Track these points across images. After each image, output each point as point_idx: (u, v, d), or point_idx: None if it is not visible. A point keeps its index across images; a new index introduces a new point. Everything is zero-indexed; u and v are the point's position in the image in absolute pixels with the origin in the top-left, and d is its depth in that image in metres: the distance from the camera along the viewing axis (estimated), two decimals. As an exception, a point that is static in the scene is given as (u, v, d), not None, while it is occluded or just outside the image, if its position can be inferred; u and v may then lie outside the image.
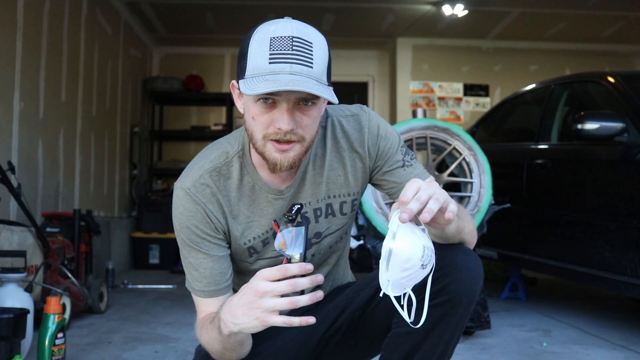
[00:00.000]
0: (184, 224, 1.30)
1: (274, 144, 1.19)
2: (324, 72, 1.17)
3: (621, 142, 2.96)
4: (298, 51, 1.14)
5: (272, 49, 1.14)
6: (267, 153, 1.21)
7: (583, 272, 3.13)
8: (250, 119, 1.21)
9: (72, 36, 4.59)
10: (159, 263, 5.88)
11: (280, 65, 1.13)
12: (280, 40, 1.14)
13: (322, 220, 1.38)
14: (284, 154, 1.20)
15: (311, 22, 1.25)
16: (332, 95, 1.15)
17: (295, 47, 1.14)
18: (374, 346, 1.39)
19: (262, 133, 1.19)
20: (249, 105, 1.21)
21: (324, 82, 1.17)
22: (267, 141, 1.20)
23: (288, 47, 1.13)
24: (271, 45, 1.14)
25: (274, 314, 1.07)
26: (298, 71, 1.13)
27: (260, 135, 1.20)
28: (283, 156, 1.20)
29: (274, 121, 1.17)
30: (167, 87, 6.70)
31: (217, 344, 1.24)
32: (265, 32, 1.16)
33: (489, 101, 6.88)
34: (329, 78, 1.20)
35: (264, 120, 1.18)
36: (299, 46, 1.14)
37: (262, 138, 1.20)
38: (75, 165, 4.72)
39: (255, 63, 1.15)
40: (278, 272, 1.06)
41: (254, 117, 1.20)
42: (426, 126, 3.05)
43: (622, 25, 6.31)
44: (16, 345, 2.13)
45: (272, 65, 1.13)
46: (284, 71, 1.12)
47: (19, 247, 2.82)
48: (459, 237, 1.25)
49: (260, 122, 1.19)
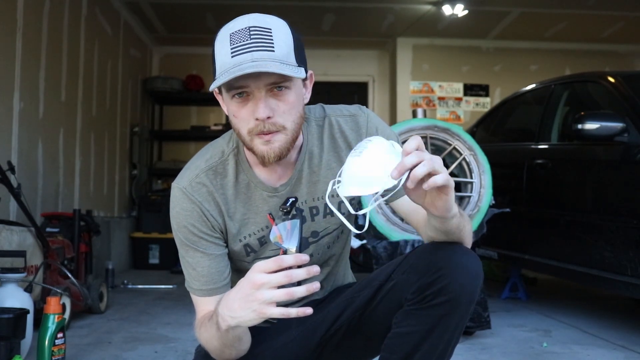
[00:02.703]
0: (181, 223, 1.31)
1: (259, 137, 1.21)
2: (289, 53, 1.18)
3: (621, 142, 2.96)
4: (256, 39, 1.15)
5: (232, 43, 1.16)
6: (255, 147, 1.23)
7: (583, 272, 3.13)
8: (233, 118, 1.23)
9: (72, 36, 4.59)
10: (158, 263, 5.89)
11: (242, 56, 1.15)
12: (238, 33, 1.16)
13: (320, 219, 1.38)
14: (269, 145, 1.21)
15: (311, 22, 1.26)
16: (297, 71, 1.16)
17: (253, 36, 1.15)
18: (374, 346, 1.38)
19: (246, 129, 1.21)
20: (228, 105, 1.23)
21: (290, 63, 1.17)
22: (253, 136, 1.21)
23: (246, 38, 1.15)
24: (231, 41, 1.16)
25: (271, 306, 1.07)
26: (259, 57, 1.14)
27: (245, 132, 1.22)
28: (269, 147, 1.21)
29: (252, 113, 1.19)
30: (167, 87, 6.70)
31: (215, 340, 1.24)
32: (226, 30, 1.19)
33: (489, 101, 6.88)
34: (299, 59, 1.20)
35: (242, 115, 1.20)
36: (257, 34, 1.16)
37: (247, 134, 1.22)
38: (75, 165, 4.72)
39: (220, 62, 1.18)
40: (274, 263, 1.06)
41: (235, 115, 1.22)
42: (426, 126, 3.05)
43: (622, 25, 6.31)
44: (16, 345, 2.13)
45: (235, 59, 1.15)
46: (246, 60, 1.14)
47: (18, 247, 2.82)
48: (458, 235, 1.24)
49: (241, 119, 1.21)
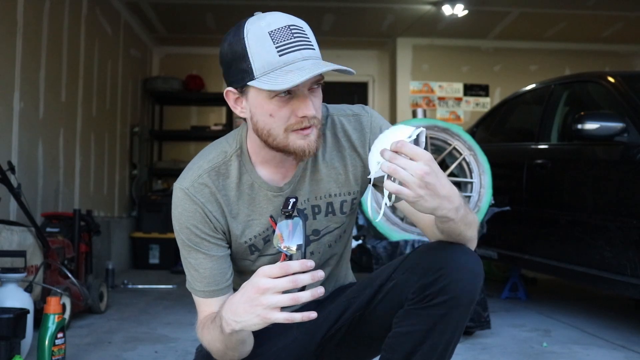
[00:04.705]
0: (184, 224, 1.30)
1: (296, 133, 1.19)
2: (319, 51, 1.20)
3: (621, 142, 2.96)
4: (299, 37, 1.15)
5: (276, 41, 1.14)
6: (291, 144, 1.20)
7: (583, 272, 3.13)
8: (266, 117, 1.20)
9: (72, 36, 4.58)
10: (159, 263, 5.88)
11: (293, 54, 1.14)
12: (280, 31, 1.15)
13: (322, 218, 1.38)
14: (306, 139, 1.20)
15: (311, 22, 1.26)
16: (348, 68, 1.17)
17: (295, 34, 1.15)
18: (374, 346, 1.38)
19: (284, 127, 1.19)
20: (263, 104, 1.19)
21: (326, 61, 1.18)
22: (289, 133, 1.20)
23: (289, 36, 1.15)
24: (273, 39, 1.14)
25: (276, 311, 1.07)
26: (308, 56, 1.15)
27: (281, 130, 1.20)
28: (307, 141, 1.20)
29: (294, 111, 1.18)
30: (167, 87, 6.70)
31: (219, 343, 1.24)
32: (259, 28, 1.16)
33: (489, 101, 6.88)
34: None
35: (283, 113, 1.18)
36: (298, 32, 1.16)
37: (283, 132, 1.20)
38: (75, 165, 4.72)
39: (263, 60, 1.15)
40: (279, 269, 1.06)
41: (272, 114, 1.19)
42: (426, 126, 3.06)
43: (622, 25, 6.31)
44: (16, 345, 2.13)
45: (284, 57, 1.14)
46: (297, 59, 1.14)
47: (18, 247, 2.82)
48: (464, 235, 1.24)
49: (280, 117, 1.19)
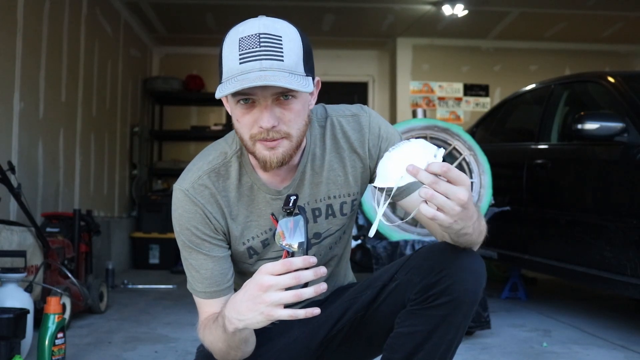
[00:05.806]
0: (184, 225, 1.30)
1: (262, 142, 1.20)
2: (298, 63, 1.17)
3: (621, 142, 2.96)
4: (266, 47, 1.14)
5: (241, 49, 1.15)
6: (257, 152, 1.22)
7: (583, 272, 3.13)
8: (236, 122, 1.23)
9: (72, 36, 4.58)
10: (159, 263, 5.88)
11: (250, 64, 1.14)
12: (248, 39, 1.15)
13: (322, 220, 1.38)
14: (272, 151, 1.20)
15: (311, 22, 1.25)
16: (305, 84, 1.15)
17: (263, 43, 1.14)
18: (375, 346, 1.39)
19: (248, 134, 1.21)
20: (232, 109, 1.22)
21: (299, 73, 1.16)
22: (255, 141, 1.21)
23: (256, 45, 1.14)
24: (240, 46, 1.15)
25: (279, 308, 1.07)
26: (268, 66, 1.13)
27: (247, 137, 1.21)
28: (272, 153, 1.20)
29: (256, 120, 1.18)
30: (167, 87, 6.70)
31: (221, 343, 1.24)
32: (235, 34, 1.18)
33: (489, 101, 6.88)
34: (308, 67, 1.19)
35: (246, 121, 1.20)
36: (267, 41, 1.15)
37: (249, 139, 1.21)
38: (75, 165, 4.72)
39: (227, 66, 1.17)
40: (282, 266, 1.06)
41: (238, 119, 1.21)
42: (426, 126, 3.06)
43: (622, 25, 6.31)
44: (16, 345, 2.13)
45: (242, 65, 1.14)
46: (254, 69, 1.13)
47: (19, 247, 2.82)
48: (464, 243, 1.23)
49: (244, 124, 1.20)
